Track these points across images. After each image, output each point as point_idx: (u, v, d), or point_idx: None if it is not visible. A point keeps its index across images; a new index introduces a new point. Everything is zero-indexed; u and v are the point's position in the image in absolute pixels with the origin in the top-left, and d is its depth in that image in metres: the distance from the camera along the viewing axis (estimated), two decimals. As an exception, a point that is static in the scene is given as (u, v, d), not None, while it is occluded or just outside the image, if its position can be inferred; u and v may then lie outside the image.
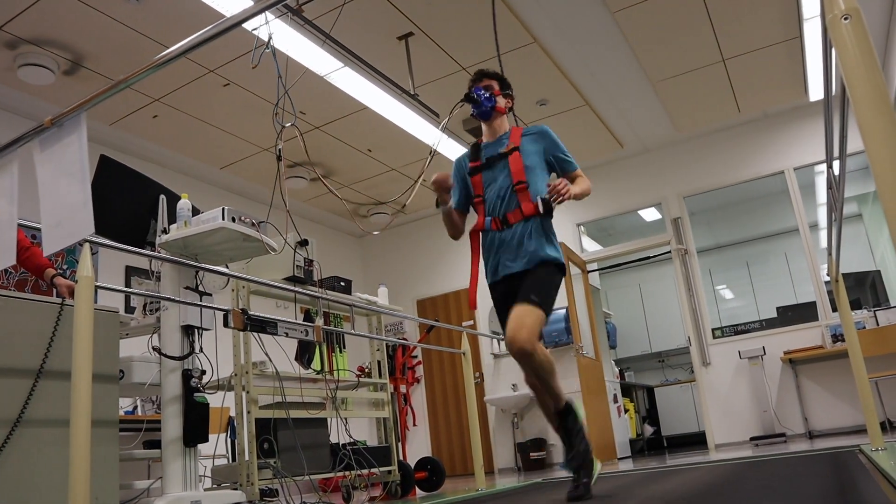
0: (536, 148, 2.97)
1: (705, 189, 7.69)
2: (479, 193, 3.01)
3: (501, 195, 2.93)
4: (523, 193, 2.89)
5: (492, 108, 3.03)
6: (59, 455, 2.48)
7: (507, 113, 3.13)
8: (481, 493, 4.43)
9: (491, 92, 3.04)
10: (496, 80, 3.10)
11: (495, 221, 2.93)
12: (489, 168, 3.00)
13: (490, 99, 3.02)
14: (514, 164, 2.93)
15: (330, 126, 6.41)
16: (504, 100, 3.10)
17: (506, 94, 3.12)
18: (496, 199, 2.94)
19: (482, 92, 3.02)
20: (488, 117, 3.06)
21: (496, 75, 3.13)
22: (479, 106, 3.02)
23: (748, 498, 2.41)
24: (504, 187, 2.93)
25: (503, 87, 3.11)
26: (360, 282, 8.84)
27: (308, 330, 4.16)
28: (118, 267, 6.03)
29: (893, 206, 1.22)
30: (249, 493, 3.64)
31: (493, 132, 3.08)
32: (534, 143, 2.98)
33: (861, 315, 6.63)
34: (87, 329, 2.16)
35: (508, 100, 3.13)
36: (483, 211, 3.00)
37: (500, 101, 3.06)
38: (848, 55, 1.31)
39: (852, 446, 4.38)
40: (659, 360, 10.76)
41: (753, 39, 5.89)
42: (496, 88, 3.07)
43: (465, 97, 3.03)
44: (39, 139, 2.58)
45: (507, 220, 2.91)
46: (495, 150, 3.02)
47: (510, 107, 3.14)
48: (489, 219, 2.96)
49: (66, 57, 5.00)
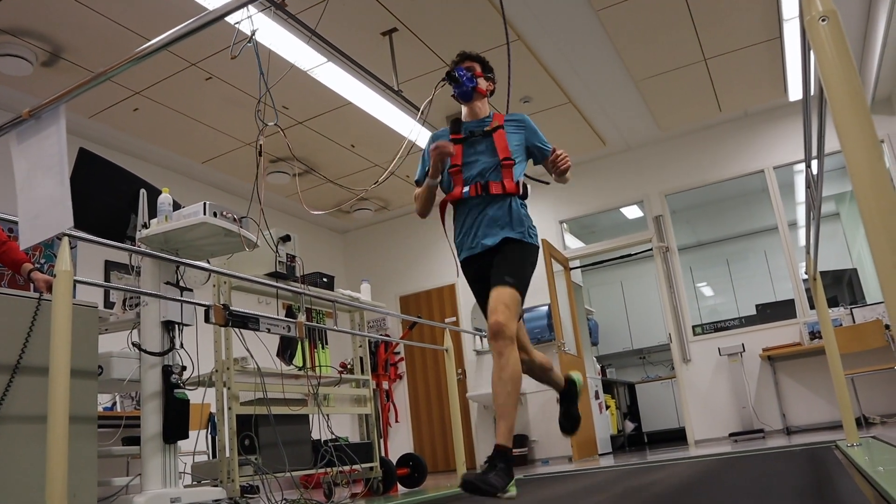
0: (518, 135, 2.95)
1: (687, 187, 7.75)
2: (456, 163, 2.94)
3: (484, 168, 2.89)
4: (508, 170, 2.87)
5: (473, 88, 2.98)
6: (37, 451, 2.46)
7: (488, 96, 3.09)
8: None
9: (473, 73, 3.00)
10: (479, 62, 3.06)
11: (476, 187, 2.88)
12: (471, 142, 2.96)
13: (472, 79, 2.98)
14: (499, 140, 2.90)
15: (313, 121, 6.39)
16: (486, 82, 3.05)
17: (488, 77, 3.07)
18: (478, 171, 2.90)
19: (464, 72, 2.98)
20: (469, 98, 3.01)
21: (479, 57, 3.08)
22: (460, 86, 2.97)
23: (726, 493, 2.43)
24: (489, 161, 2.89)
25: (485, 70, 3.07)
26: (343, 278, 8.82)
27: (290, 326, 4.15)
28: (97, 261, 5.97)
29: (869, 206, 1.23)
30: (230, 490, 3.63)
31: (473, 113, 3.04)
32: (515, 130, 2.96)
33: (838, 312, 6.71)
34: (65, 324, 2.14)
35: (490, 83, 3.09)
36: (461, 181, 2.93)
37: (481, 83, 3.02)
38: (825, 56, 1.32)
39: (828, 442, 4.44)
40: (640, 356, 10.82)
41: (735, 39, 5.94)
42: (478, 70, 3.03)
43: (447, 76, 2.98)
44: (17, 131, 2.55)
45: (489, 189, 2.86)
46: (478, 127, 2.98)
47: (492, 90, 3.10)
48: (468, 187, 2.89)
49: (44, 48, 4.93)
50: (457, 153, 2.94)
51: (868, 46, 6.12)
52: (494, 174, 2.88)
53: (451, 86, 3.00)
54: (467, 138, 2.97)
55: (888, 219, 1.21)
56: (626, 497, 2.77)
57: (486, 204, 2.87)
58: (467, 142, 2.97)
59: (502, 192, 2.86)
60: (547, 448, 7.60)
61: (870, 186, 1.24)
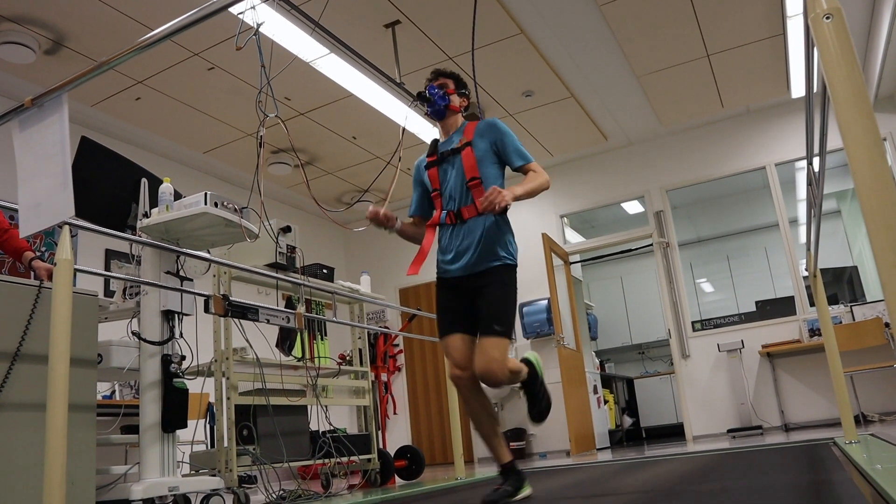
0: (485, 142, 2.90)
1: (688, 183, 7.74)
2: (436, 187, 2.95)
3: (456, 191, 2.87)
4: (477, 189, 2.83)
5: (445, 106, 2.97)
6: (36, 439, 2.46)
7: (462, 112, 3.07)
8: (460, 482, 4.45)
9: (445, 90, 2.99)
10: (452, 78, 3.05)
11: (450, 216, 2.87)
12: (443, 163, 2.95)
13: (444, 97, 2.97)
14: (466, 159, 2.87)
15: (315, 113, 6.38)
16: (459, 98, 3.04)
17: (461, 94, 3.06)
18: (450, 194, 2.89)
19: (436, 90, 2.97)
20: (442, 116, 3.00)
21: (452, 74, 3.07)
22: (432, 104, 2.96)
23: (723, 489, 2.44)
24: (458, 183, 2.87)
25: (458, 87, 3.05)
26: (343, 269, 8.82)
27: (289, 317, 4.16)
28: (98, 250, 5.98)
29: (871, 204, 1.23)
30: (228, 480, 3.64)
31: (446, 130, 3.03)
32: (483, 138, 2.91)
33: (838, 310, 6.71)
34: (65, 312, 2.14)
35: (464, 99, 3.07)
36: (440, 205, 2.94)
37: (454, 100, 3.01)
38: (829, 54, 1.32)
39: (827, 439, 4.45)
40: (639, 351, 10.84)
41: (738, 35, 5.92)
42: (451, 87, 3.01)
43: (418, 95, 2.97)
44: (19, 119, 2.55)
45: (462, 216, 2.84)
46: (448, 146, 2.97)
47: (465, 106, 3.08)
48: (445, 213, 2.90)
49: (47, 36, 4.92)
50: (433, 177, 2.95)
51: (872, 44, 6.10)
52: (465, 197, 2.85)
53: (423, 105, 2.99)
54: (441, 160, 2.96)
55: (889, 217, 1.21)
56: (624, 491, 2.78)
57: (462, 230, 2.84)
58: (441, 164, 2.96)
59: (476, 214, 2.81)
60: (545, 442, 7.61)
61: (871, 184, 1.24)
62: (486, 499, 2.64)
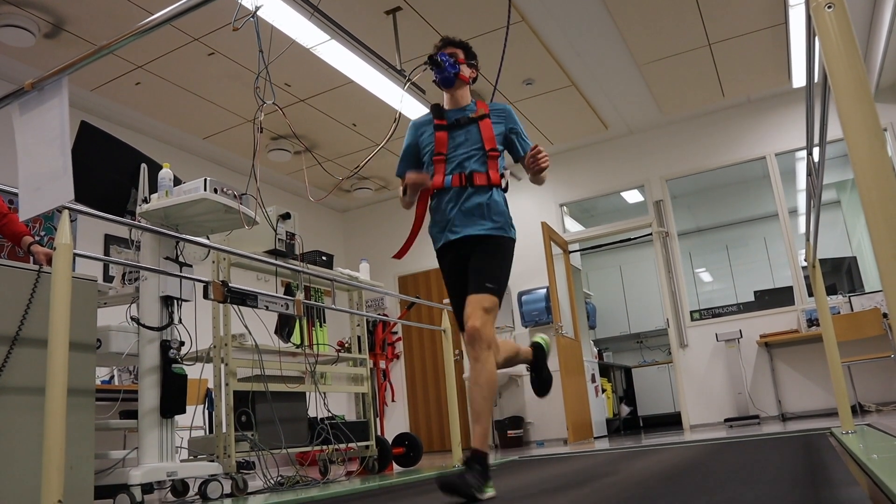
0: (500, 125, 2.88)
1: (688, 172, 7.73)
2: (441, 151, 2.86)
3: (470, 156, 2.81)
4: (493, 161, 2.80)
5: (455, 74, 2.88)
6: (34, 423, 2.47)
7: (470, 83, 3.00)
8: (458, 469, 4.46)
9: (455, 59, 2.91)
10: (462, 48, 2.98)
11: (460, 177, 2.79)
12: (454, 129, 2.88)
13: (454, 65, 2.89)
14: (485, 130, 2.82)
15: (315, 99, 6.36)
16: (469, 69, 2.97)
17: (471, 65, 2.99)
18: (464, 158, 2.82)
19: (447, 58, 2.89)
20: (451, 84, 2.91)
21: (462, 44, 3.00)
22: (441, 71, 2.87)
23: (720, 478, 2.45)
24: (474, 151, 2.81)
25: (468, 57, 2.98)
26: (342, 257, 8.83)
27: (288, 303, 4.16)
28: (97, 235, 5.97)
29: (870, 194, 1.23)
30: (226, 466, 3.65)
31: (455, 101, 2.95)
32: (499, 120, 2.88)
33: (836, 300, 6.73)
34: (64, 297, 2.15)
35: (473, 70, 3.00)
36: (443, 169, 2.85)
37: (464, 70, 2.93)
38: (830, 44, 1.32)
39: (824, 429, 4.47)
40: (637, 340, 10.87)
41: (739, 25, 5.90)
42: (461, 57, 2.94)
43: (429, 59, 2.87)
44: (19, 102, 2.54)
45: (473, 180, 2.78)
46: (462, 114, 2.90)
47: (474, 77, 3.02)
48: (450, 176, 2.81)
49: (47, 19, 4.90)
50: (441, 140, 2.87)
51: (873, 34, 6.08)
52: (479, 164, 2.80)
53: (432, 70, 2.91)
54: (453, 125, 2.89)
55: (889, 207, 1.21)
56: (620, 479, 2.79)
57: (467, 194, 2.78)
58: (451, 129, 2.89)
59: (487, 184, 2.78)
60: (542, 430, 7.64)
61: (871, 175, 1.24)
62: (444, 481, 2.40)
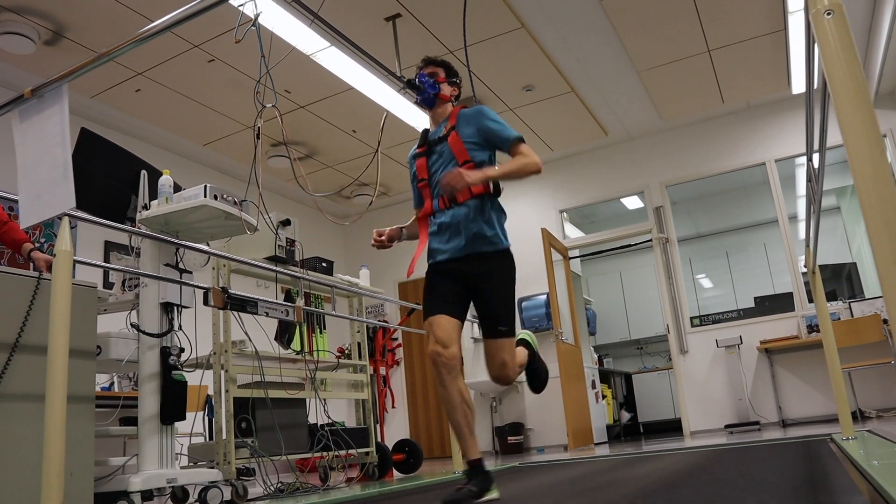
0: (471, 128, 2.84)
1: (688, 178, 7.74)
2: (423, 177, 2.90)
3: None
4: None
5: (435, 95, 2.92)
6: (34, 430, 2.47)
7: (452, 101, 3.01)
8: (458, 475, 4.46)
9: (435, 79, 2.94)
10: (442, 67, 3.00)
11: (443, 200, 2.80)
12: (432, 152, 2.90)
13: (434, 86, 2.92)
14: (454, 145, 2.81)
15: (315, 106, 6.37)
16: (450, 87, 2.99)
17: (451, 82, 3.00)
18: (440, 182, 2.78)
19: (426, 78, 2.92)
20: (431, 104, 2.95)
21: (443, 63, 3.02)
22: (421, 93, 2.92)
23: (720, 485, 2.44)
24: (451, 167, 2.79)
25: (449, 75, 3.00)
26: (342, 263, 8.82)
27: (288, 310, 4.16)
28: (97, 242, 5.97)
29: (870, 200, 1.23)
30: (226, 472, 3.65)
31: (436, 119, 2.98)
32: (469, 124, 2.85)
33: (836, 306, 6.72)
34: (64, 304, 2.14)
35: (455, 88, 3.01)
36: (429, 194, 2.88)
37: (444, 89, 2.95)
38: (829, 50, 1.32)
39: (824, 435, 4.46)
40: (637, 347, 10.85)
41: (739, 31, 5.91)
42: (441, 76, 2.96)
43: (408, 83, 2.92)
44: (19, 109, 2.54)
45: (456, 200, 2.77)
46: (436, 135, 2.92)
47: (456, 94, 3.03)
48: (436, 200, 2.83)
49: (47, 26, 4.91)
50: (422, 167, 2.90)
51: (872, 41, 6.10)
52: None
53: (413, 93, 2.95)
54: (431, 148, 2.91)
55: (889, 214, 1.21)
56: (621, 486, 2.79)
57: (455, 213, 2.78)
58: (430, 153, 2.91)
59: (470, 197, 2.76)
60: (543, 436, 7.63)
61: (871, 181, 1.24)
62: (448, 499, 2.44)
